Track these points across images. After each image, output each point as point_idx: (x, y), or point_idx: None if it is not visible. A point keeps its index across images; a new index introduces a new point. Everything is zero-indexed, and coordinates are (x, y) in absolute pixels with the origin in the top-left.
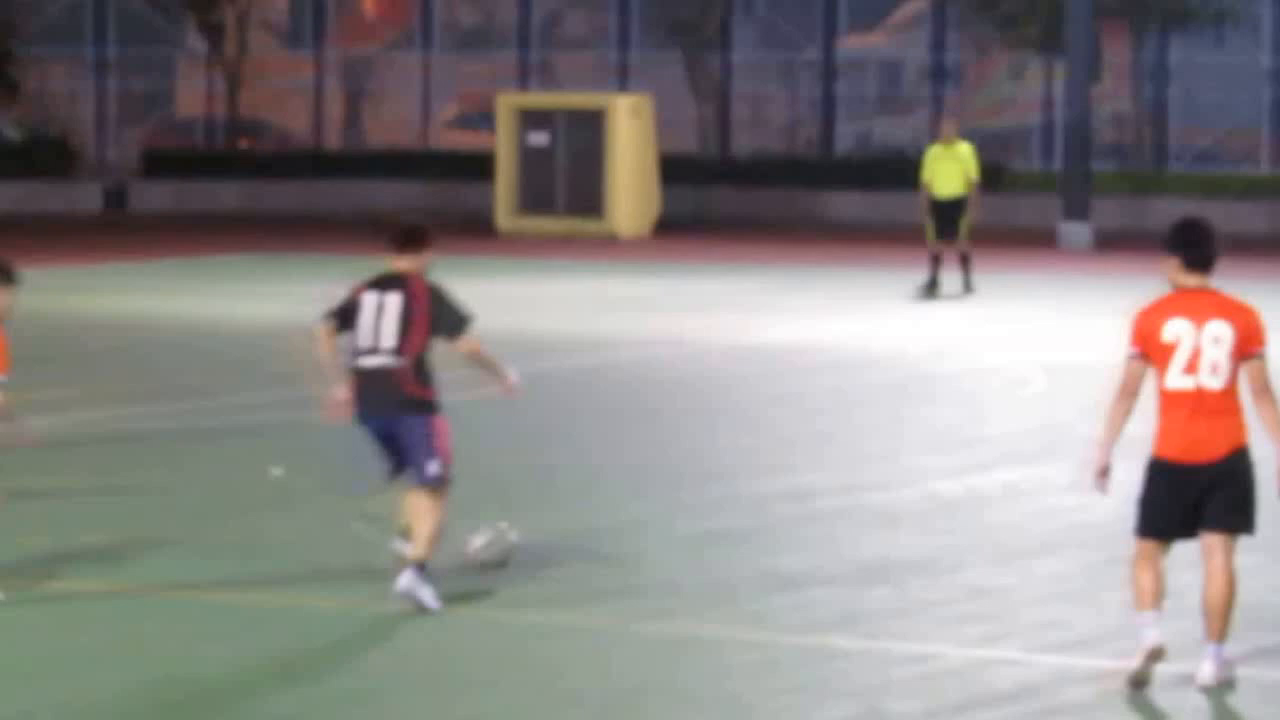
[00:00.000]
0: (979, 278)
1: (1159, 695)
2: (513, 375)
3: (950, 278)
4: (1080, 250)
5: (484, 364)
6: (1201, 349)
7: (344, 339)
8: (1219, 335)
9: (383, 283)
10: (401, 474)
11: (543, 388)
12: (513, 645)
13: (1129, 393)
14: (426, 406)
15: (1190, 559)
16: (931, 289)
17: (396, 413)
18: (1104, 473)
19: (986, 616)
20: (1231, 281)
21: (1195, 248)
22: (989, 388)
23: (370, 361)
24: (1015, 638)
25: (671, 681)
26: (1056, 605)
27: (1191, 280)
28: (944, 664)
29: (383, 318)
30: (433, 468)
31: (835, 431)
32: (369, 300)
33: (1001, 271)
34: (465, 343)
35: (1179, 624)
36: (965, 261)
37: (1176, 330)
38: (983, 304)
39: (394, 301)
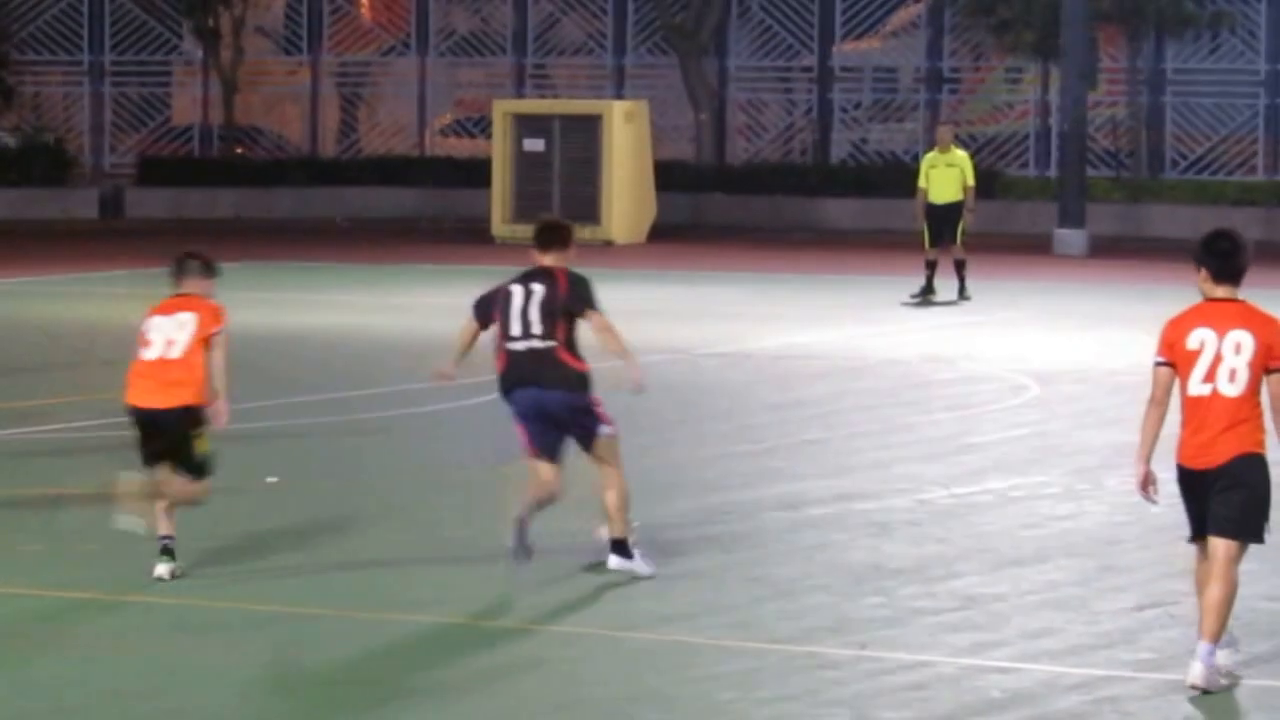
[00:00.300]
0: (974, 284)
1: (1150, 703)
2: (639, 375)
3: (945, 284)
4: (1075, 257)
5: (614, 348)
6: (1222, 357)
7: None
8: (1240, 343)
9: (527, 276)
10: (557, 451)
11: None
12: (501, 655)
13: (1157, 401)
14: (585, 382)
15: (1182, 566)
16: (926, 295)
17: (554, 385)
18: (1145, 483)
19: (978, 625)
20: None
21: (1224, 259)
22: (982, 395)
23: (520, 345)
24: (1006, 646)
25: (660, 691)
26: (1048, 613)
27: (1220, 291)
28: (935, 672)
29: (530, 305)
30: (605, 429)
31: (827, 439)
32: (516, 290)
33: (996, 278)
34: (595, 318)
35: (1169, 633)
36: (960, 268)
37: (1200, 338)
38: (977, 311)
39: (539, 290)
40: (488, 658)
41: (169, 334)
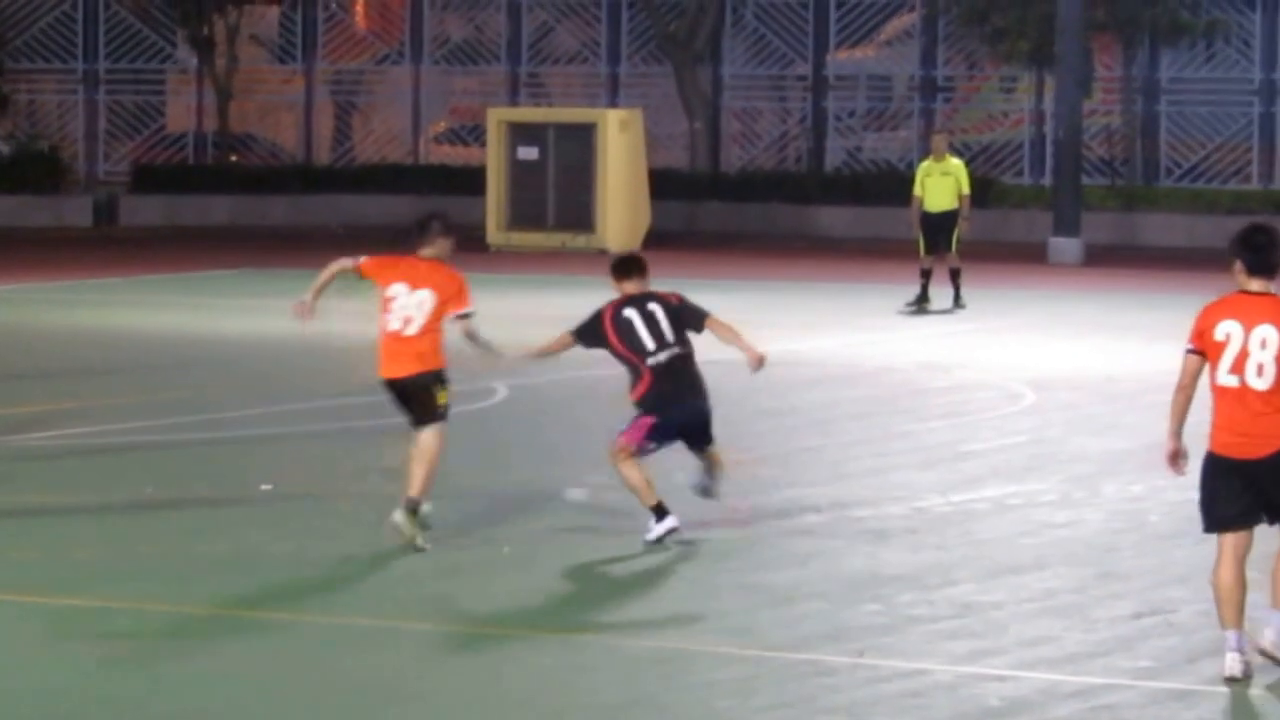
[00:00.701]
0: (969, 293)
1: (1147, 711)
2: (757, 350)
3: (940, 292)
4: (1070, 265)
5: (733, 340)
6: (1248, 351)
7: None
8: (1266, 338)
9: (634, 301)
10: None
11: (530, 403)
12: (497, 661)
13: (1183, 387)
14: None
15: (1179, 574)
16: (921, 304)
17: (705, 398)
18: (1175, 456)
19: (975, 632)
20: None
21: (1259, 252)
22: (978, 403)
23: (664, 355)
24: (1004, 653)
25: (657, 697)
26: (1045, 621)
27: (1254, 285)
28: (932, 680)
29: (657, 322)
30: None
31: (823, 446)
32: (633, 314)
33: (992, 286)
34: (712, 324)
35: (1167, 641)
36: (955, 276)
37: (1227, 330)
38: (973, 319)
39: (658, 309)
40: (484, 664)
41: (408, 311)
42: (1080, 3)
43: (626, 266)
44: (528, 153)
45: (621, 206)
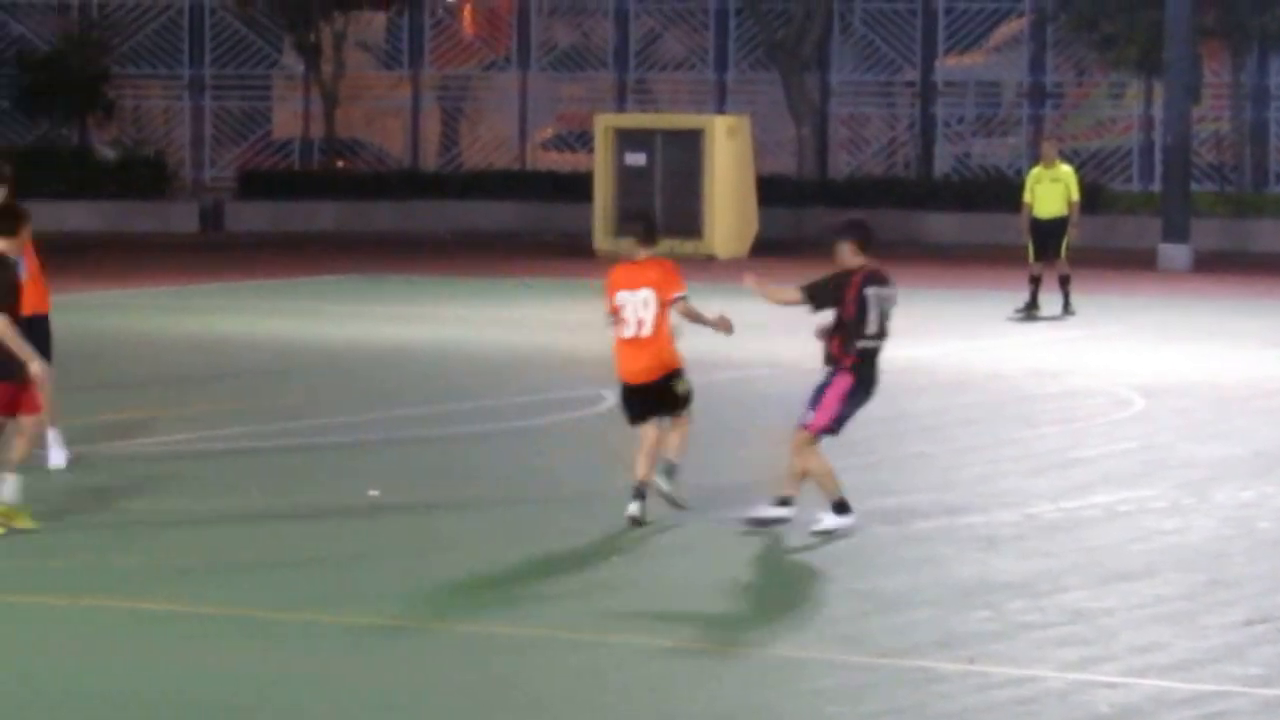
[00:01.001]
0: (1078, 299)
1: (1258, 719)
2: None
3: (1050, 299)
4: (1179, 272)
5: None
6: None
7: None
8: None
9: (874, 279)
10: None
11: None
12: (606, 667)
13: None
14: None
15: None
16: (1031, 310)
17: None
18: None
19: (1085, 639)
20: None
21: None
22: (1088, 409)
23: (873, 344)
24: (1114, 660)
25: (768, 705)
26: (1156, 628)
27: None
28: (1043, 687)
29: (887, 309)
30: None
31: (932, 453)
32: (872, 295)
33: (1101, 293)
34: None
35: (1279, 648)
36: (1065, 283)
37: None
38: (1082, 325)
39: (889, 294)
40: (589, 671)
41: (638, 313)
42: (1189, 9)
43: (868, 236)
44: (635, 159)
45: (729, 213)
